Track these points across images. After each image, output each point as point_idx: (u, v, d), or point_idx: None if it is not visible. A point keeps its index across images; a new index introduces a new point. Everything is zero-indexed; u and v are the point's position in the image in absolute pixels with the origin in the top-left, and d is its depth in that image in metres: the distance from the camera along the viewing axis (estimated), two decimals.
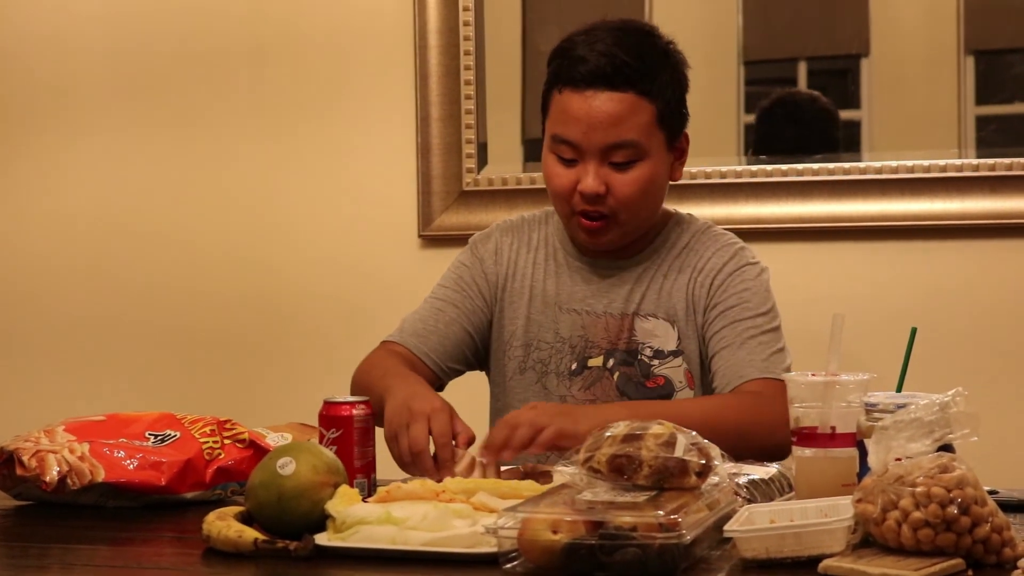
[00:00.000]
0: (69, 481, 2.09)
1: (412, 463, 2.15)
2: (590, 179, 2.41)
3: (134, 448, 2.17)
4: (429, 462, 2.13)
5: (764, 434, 2.18)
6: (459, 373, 2.60)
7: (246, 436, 2.23)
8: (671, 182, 2.52)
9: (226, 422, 2.25)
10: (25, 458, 2.12)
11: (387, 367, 2.46)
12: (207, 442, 2.21)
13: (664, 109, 2.43)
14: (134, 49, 3.54)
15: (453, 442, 2.15)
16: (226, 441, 2.22)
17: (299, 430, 2.31)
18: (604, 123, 2.39)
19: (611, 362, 2.50)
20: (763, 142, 3.17)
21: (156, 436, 2.21)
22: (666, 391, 2.48)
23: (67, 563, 1.90)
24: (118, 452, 2.15)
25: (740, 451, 2.05)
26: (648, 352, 2.49)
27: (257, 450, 2.22)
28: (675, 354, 2.49)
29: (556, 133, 2.44)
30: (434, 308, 2.58)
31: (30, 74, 3.60)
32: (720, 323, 2.46)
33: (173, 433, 2.22)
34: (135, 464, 2.14)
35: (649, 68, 2.42)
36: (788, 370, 2.40)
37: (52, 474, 2.09)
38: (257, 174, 3.45)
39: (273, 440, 2.24)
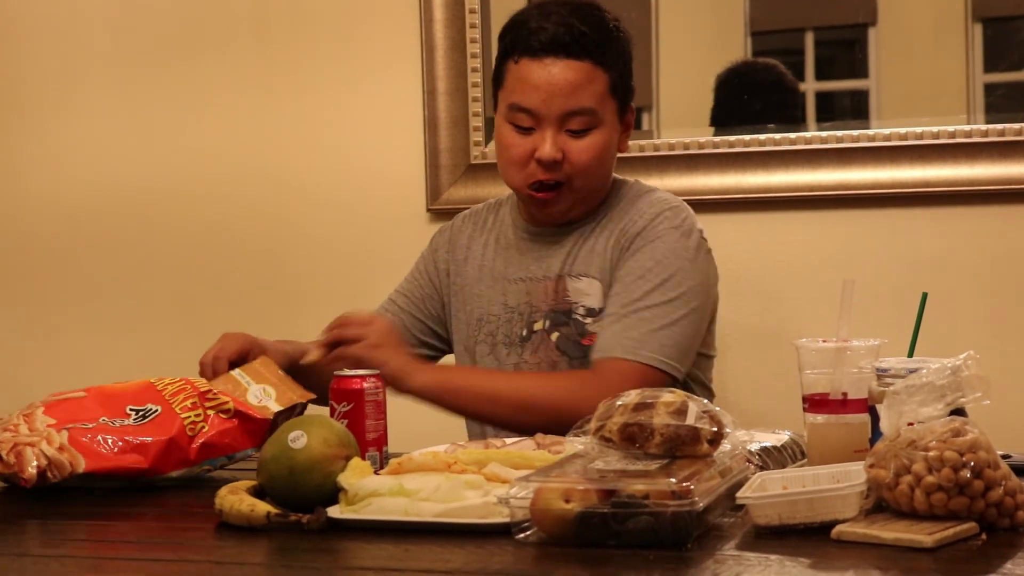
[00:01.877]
0: (49, 475, 2.07)
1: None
2: (547, 146, 2.44)
3: (114, 430, 2.13)
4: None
5: (573, 420, 1.96)
6: (427, 355, 2.68)
7: (231, 406, 2.21)
8: (620, 152, 2.56)
9: (207, 392, 2.22)
10: (3, 453, 2.09)
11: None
12: (189, 416, 2.17)
13: (616, 79, 2.49)
14: (138, 22, 3.53)
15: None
16: (209, 412, 2.20)
17: (280, 382, 2.30)
18: (563, 90, 2.44)
19: (548, 323, 2.53)
20: (721, 112, 3.15)
21: (138, 412, 2.17)
22: None
23: (79, 539, 1.91)
24: (98, 437, 2.12)
25: (551, 430, 2.13)
26: (581, 311, 2.52)
27: (243, 419, 2.20)
28: (602, 311, 2.50)
29: (514, 102, 2.48)
30: (388, 299, 2.73)
31: (35, 34, 3.60)
32: (615, 289, 2.47)
33: (155, 408, 2.18)
34: (117, 448, 2.11)
35: (603, 39, 2.48)
36: (679, 346, 2.40)
37: (30, 471, 2.06)
38: (263, 149, 3.44)
39: (255, 396, 2.23)
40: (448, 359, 2.72)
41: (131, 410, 2.18)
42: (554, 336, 2.52)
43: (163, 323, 3.53)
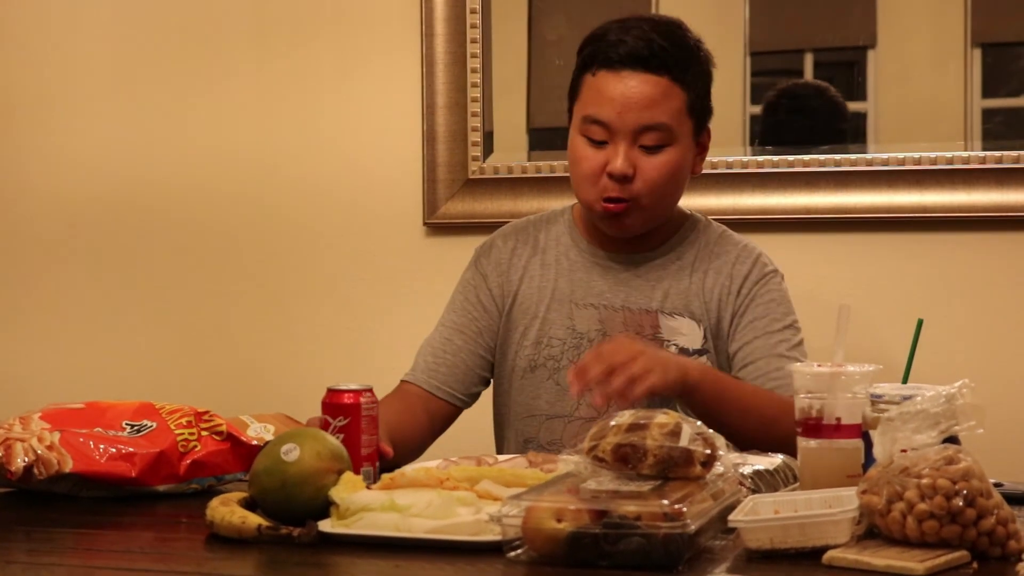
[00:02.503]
0: (36, 471, 2.07)
1: None
2: (620, 160, 2.42)
3: (107, 438, 2.14)
4: None
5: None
6: (479, 393, 2.62)
7: (224, 428, 2.21)
8: (693, 175, 2.53)
9: (204, 413, 2.23)
10: None
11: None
12: (183, 434, 2.18)
13: (694, 98, 2.46)
14: (137, 27, 3.53)
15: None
16: (203, 433, 2.20)
17: (283, 421, 2.30)
18: (639, 104, 2.42)
19: None
20: (769, 132, 3.16)
21: (132, 426, 2.18)
22: None
23: (67, 548, 1.90)
24: (90, 442, 2.12)
25: (763, 443, 2.11)
26: (673, 349, 2.48)
27: (235, 444, 2.20)
28: (700, 352, 2.49)
29: (588, 114, 2.45)
30: (443, 338, 2.59)
31: (36, 15, 3.60)
32: (750, 334, 2.48)
33: (150, 424, 2.19)
34: (106, 455, 2.11)
35: (683, 56, 2.46)
36: None
37: (17, 463, 2.06)
38: (262, 160, 3.44)
39: (254, 431, 2.22)
40: None
41: (127, 424, 2.19)
42: None
43: (156, 323, 3.53)
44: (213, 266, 3.48)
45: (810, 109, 3.17)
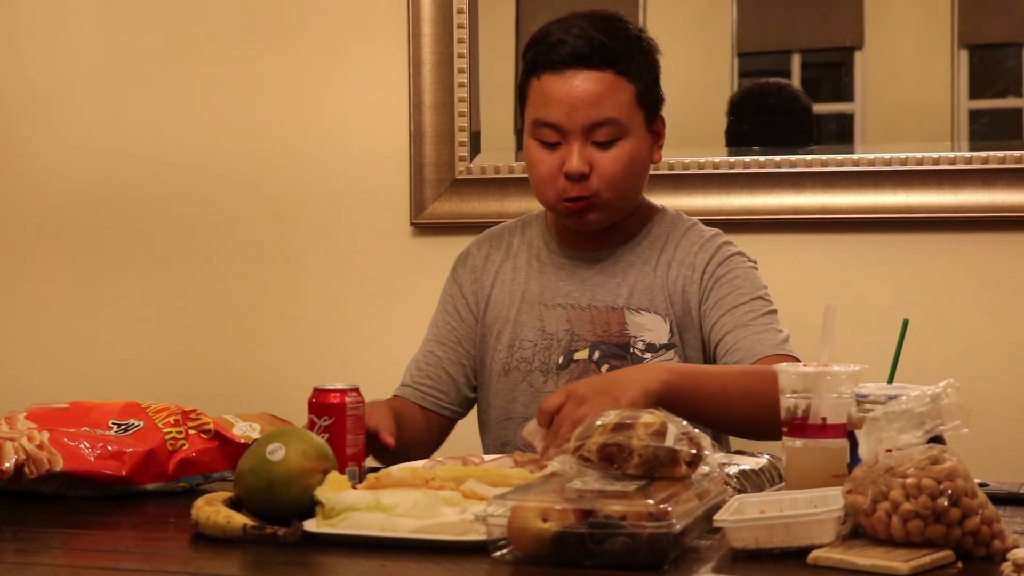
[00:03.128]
0: (27, 470, 2.06)
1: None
2: (575, 159, 2.42)
3: (95, 437, 2.14)
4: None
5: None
6: (472, 400, 2.63)
7: (211, 427, 2.21)
8: (652, 164, 2.53)
9: (191, 411, 2.23)
10: None
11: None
12: (171, 432, 2.18)
13: (642, 89, 2.46)
14: (124, 33, 3.53)
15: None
16: (191, 431, 2.20)
17: (269, 421, 2.29)
18: (586, 102, 2.42)
19: (597, 354, 2.50)
20: (734, 134, 3.16)
21: (119, 425, 2.18)
22: None
23: (53, 548, 1.90)
24: (79, 442, 2.12)
25: (763, 423, 2.09)
26: (640, 345, 2.49)
27: (223, 442, 2.20)
28: (667, 347, 2.49)
29: (538, 117, 2.46)
30: (425, 351, 2.62)
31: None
32: (718, 312, 2.47)
33: (136, 423, 2.19)
34: (96, 454, 2.11)
35: (625, 49, 2.46)
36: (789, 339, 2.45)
37: (9, 463, 2.06)
38: (248, 159, 3.44)
39: (240, 430, 2.22)
40: None
41: (113, 423, 2.19)
42: (604, 367, 2.48)
43: (140, 323, 3.52)
44: (198, 265, 3.47)
45: (773, 109, 3.17)
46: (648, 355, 2.48)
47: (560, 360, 2.51)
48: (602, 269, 2.55)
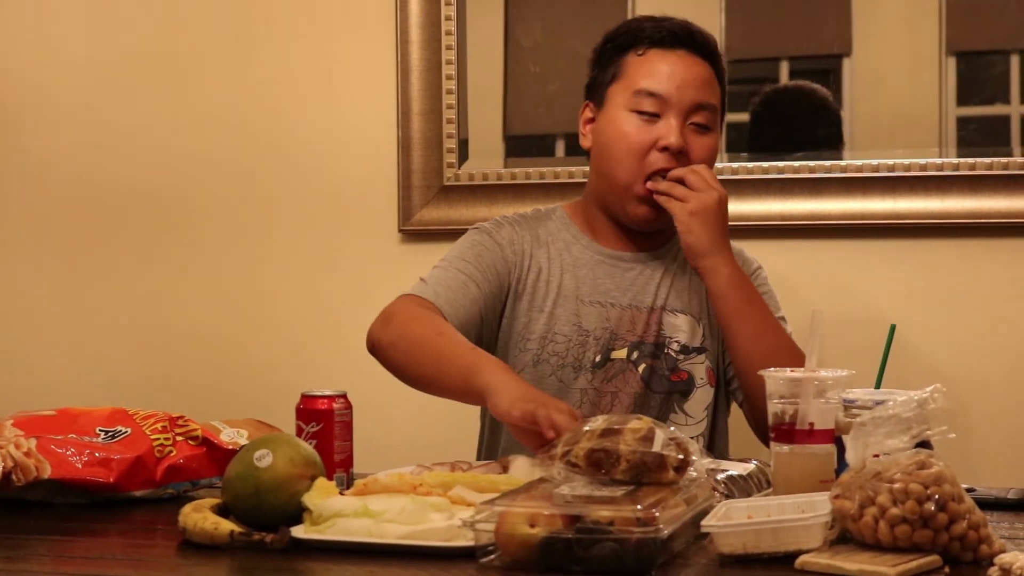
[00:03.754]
0: (15, 477, 2.06)
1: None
2: (675, 134, 2.43)
3: (83, 444, 2.14)
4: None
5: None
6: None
7: (199, 433, 2.21)
8: None
9: (179, 418, 2.23)
10: None
11: (459, 339, 2.33)
12: (158, 439, 2.18)
13: (723, 95, 2.53)
14: (116, 45, 3.52)
15: None
16: (178, 438, 2.20)
17: (256, 427, 2.29)
18: (696, 81, 2.46)
19: (635, 355, 2.50)
20: (760, 138, 3.16)
21: (107, 432, 2.18)
22: (688, 386, 2.51)
23: (40, 555, 1.90)
24: (67, 449, 2.12)
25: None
26: (675, 347, 2.50)
27: (210, 448, 2.20)
28: (699, 351, 2.51)
29: (642, 87, 2.46)
30: (460, 281, 2.48)
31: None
32: None
33: (124, 429, 2.18)
34: (83, 461, 2.11)
35: (716, 51, 2.53)
36: None
37: None
38: (236, 166, 3.43)
39: (227, 436, 2.22)
40: None
41: (100, 430, 2.18)
42: (641, 367, 2.49)
43: (127, 329, 3.52)
44: (186, 270, 3.47)
45: (796, 113, 3.18)
46: (681, 356, 2.50)
47: (597, 359, 2.50)
48: (640, 270, 2.55)
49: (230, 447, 2.18)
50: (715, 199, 2.42)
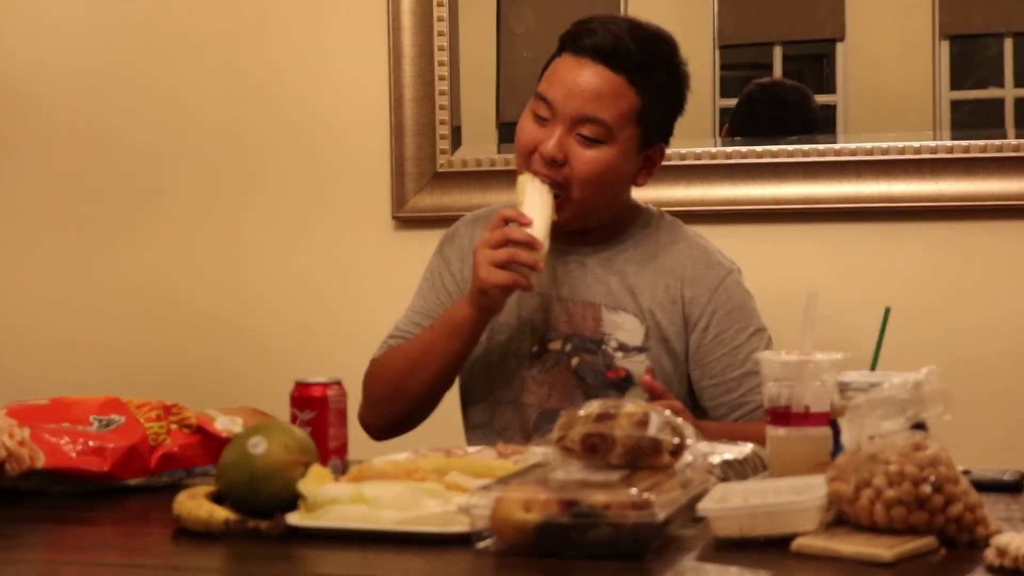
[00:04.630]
0: (8, 467, 2.05)
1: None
2: (551, 142, 2.42)
3: (77, 433, 2.12)
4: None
5: None
6: None
7: (193, 421, 2.20)
8: (633, 185, 2.53)
9: (172, 406, 2.22)
10: None
11: (406, 345, 2.53)
12: (152, 427, 2.17)
13: (647, 109, 2.45)
14: (106, 34, 3.52)
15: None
16: (172, 426, 2.19)
17: (251, 415, 2.29)
18: (585, 93, 2.42)
19: (569, 347, 2.50)
20: (742, 125, 3.16)
21: (101, 421, 2.17)
22: (626, 384, 2.49)
23: (34, 544, 1.90)
24: (60, 438, 2.11)
25: None
26: (613, 344, 2.49)
27: (205, 436, 2.19)
28: (640, 350, 2.49)
29: (540, 90, 2.47)
30: (410, 323, 2.60)
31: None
32: (719, 350, 2.49)
33: (118, 418, 2.17)
34: (77, 450, 2.10)
35: (649, 64, 2.45)
36: None
37: None
38: (227, 152, 3.43)
39: (222, 424, 2.21)
40: None
41: (94, 419, 2.17)
42: (574, 360, 2.49)
43: (121, 317, 3.51)
44: (178, 259, 3.46)
45: (784, 104, 3.18)
46: (619, 354, 2.49)
47: (535, 348, 2.51)
48: (584, 264, 2.54)
49: (225, 435, 2.18)
50: None
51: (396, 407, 2.53)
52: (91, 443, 2.12)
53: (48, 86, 3.55)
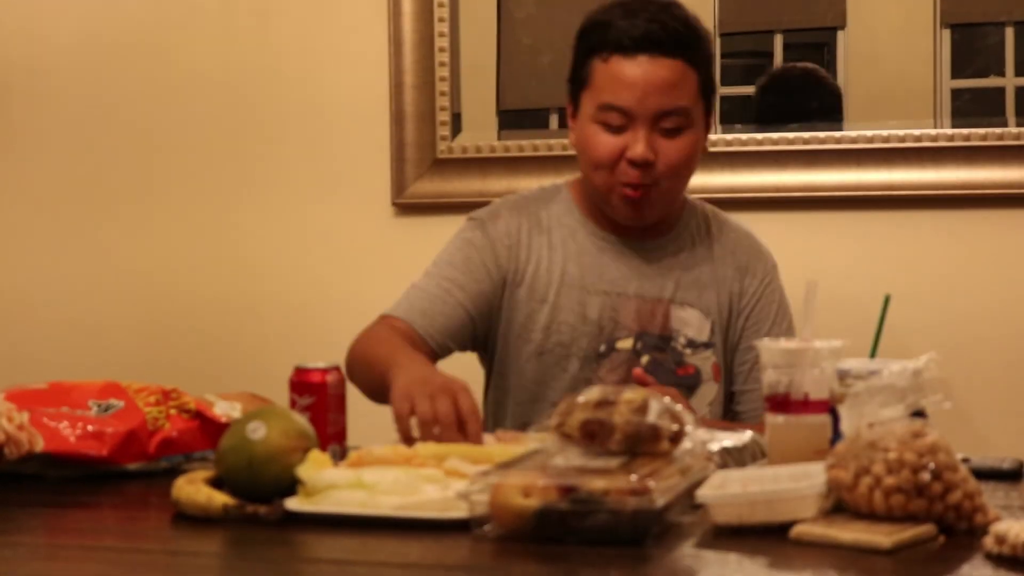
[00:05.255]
0: (7, 451, 2.05)
1: (437, 435, 2.01)
2: (641, 146, 2.39)
3: (76, 418, 2.12)
4: (456, 436, 2.01)
5: None
6: (451, 352, 2.53)
7: (192, 406, 2.20)
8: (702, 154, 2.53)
9: (172, 391, 2.21)
10: None
11: (394, 343, 2.38)
12: (151, 412, 2.16)
13: (704, 78, 2.46)
14: (102, 26, 3.51)
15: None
16: (171, 411, 2.18)
17: (249, 400, 2.28)
18: (659, 88, 2.40)
19: (640, 345, 2.48)
20: (767, 113, 3.16)
21: (100, 405, 2.16)
22: (694, 381, 2.49)
23: (32, 527, 1.90)
24: (59, 422, 2.11)
25: None
26: (682, 340, 2.49)
27: (204, 421, 2.19)
28: (707, 346, 2.50)
29: (605, 101, 2.42)
30: (441, 288, 2.50)
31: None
32: (754, 338, 2.47)
33: (117, 402, 2.17)
34: (76, 434, 2.10)
35: (692, 36, 2.45)
36: None
37: None
38: (229, 139, 3.43)
39: (221, 409, 2.21)
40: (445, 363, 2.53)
41: (93, 403, 2.17)
42: (644, 359, 2.47)
43: (121, 301, 3.51)
44: (179, 245, 3.46)
45: (802, 90, 3.18)
46: (688, 350, 2.48)
47: (601, 348, 2.48)
48: (647, 258, 2.52)
49: (223, 420, 2.18)
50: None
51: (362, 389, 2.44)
52: (90, 427, 2.12)
53: (48, 71, 3.54)
